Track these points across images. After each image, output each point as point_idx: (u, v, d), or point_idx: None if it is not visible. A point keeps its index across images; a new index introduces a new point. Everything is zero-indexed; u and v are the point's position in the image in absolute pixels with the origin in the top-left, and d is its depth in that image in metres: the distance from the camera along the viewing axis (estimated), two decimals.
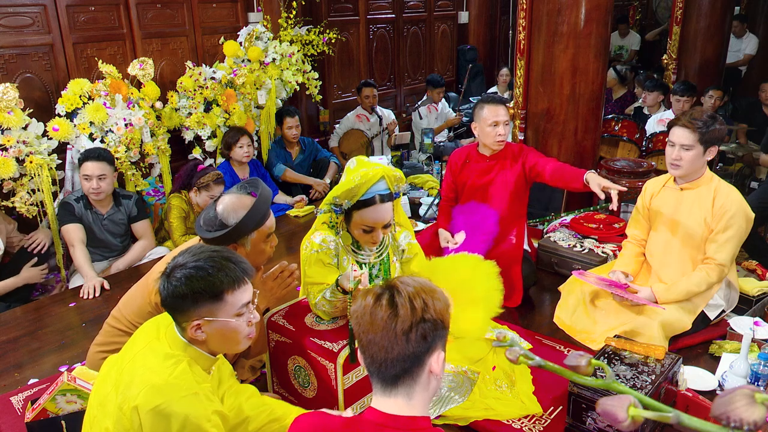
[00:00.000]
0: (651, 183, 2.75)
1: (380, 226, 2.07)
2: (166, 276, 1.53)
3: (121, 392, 1.49)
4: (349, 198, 2.02)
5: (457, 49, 7.67)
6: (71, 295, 3.17)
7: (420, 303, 1.20)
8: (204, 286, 1.49)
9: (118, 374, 1.55)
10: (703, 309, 2.52)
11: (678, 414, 0.92)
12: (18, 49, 3.66)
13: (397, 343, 1.19)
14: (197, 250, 1.56)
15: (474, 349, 2.21)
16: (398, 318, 1.19)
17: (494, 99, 3.08)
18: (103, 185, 3.26)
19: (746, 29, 6.97)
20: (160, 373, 1.49)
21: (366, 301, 1.23)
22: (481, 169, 3.11)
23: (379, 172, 2.03)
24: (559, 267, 3.24)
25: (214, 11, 4.70)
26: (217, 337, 1.55)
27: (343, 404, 1.96)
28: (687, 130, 2.43)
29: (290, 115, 4.66)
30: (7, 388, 2.42)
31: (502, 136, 3.01)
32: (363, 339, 1.23)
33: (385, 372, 1.22)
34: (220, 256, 1.54)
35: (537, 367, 1.16)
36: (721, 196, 2.46)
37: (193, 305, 1.50)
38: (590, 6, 3.56)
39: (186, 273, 1.49)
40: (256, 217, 1.98)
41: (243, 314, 1.56)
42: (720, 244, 2.44)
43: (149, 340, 1.58)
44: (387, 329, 1.19)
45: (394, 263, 2.30)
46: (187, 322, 1.52)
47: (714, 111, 5.06)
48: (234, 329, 1.55)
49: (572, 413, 2.00)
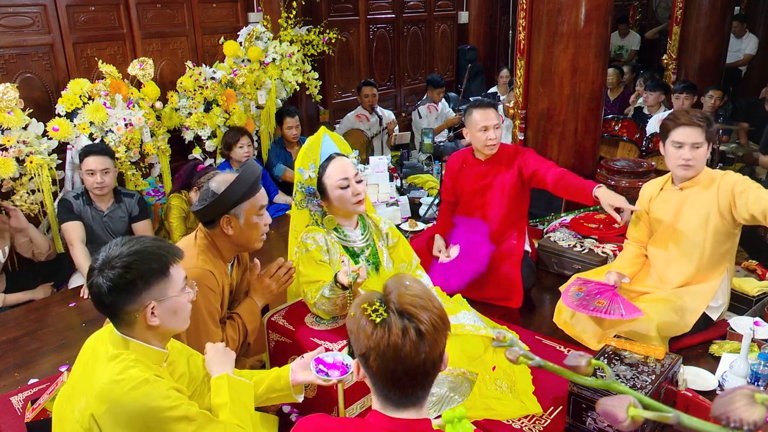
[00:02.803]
0: (648, 187, 2.72)
1: (353, 177, 2.21)
2: (99, 272, 1.46)
3: (76, 406, 1.47)
4: (308, 163, 2.20)
5: (457, 49, 7.67)
6: (71, 295, 3.17)
7: (436, 319, 1.18)
8: (151, 264, 1.48)
9: (70, 389, 1.53)
10: (704, 311, 2.51)
11: (678, 414, 0.92)
12: (18, 49, 3.66)
13: (425, 372, 1.18)
14: (122, 241, 1.52)
15: (470, 346, 2.21)
16: (428, 347, 1.16)
17: (483, 103, 3.05)
18: (107, 179, 3.27)
19: (746, 29, 6.97)
20: (105, 374, 1.45)
21: (391, 334, 1.16)
22: (477, 173, 3.10)
23: (320, 131, 2.28)
24: (559, 267, 3.24)
25: (214, 11, 4.71)
26: (169, 316, 1.53)
27: (343, 404, 1.96)
28: (694, 128, 2.41)
29: (290, 115, 4.66)
30: (7, 388, 2.42)
31: (492, 140, 2.98)
32: (387, 369, 1.17)
33: (406, 399, 1.20)
34: (146, 239, 1.55)
35: (537, 367, 1.16)
36: (725, 182, 2.45)
37: (145, 288, 1.47)
38: (590, 6, 3.56)
39: (127, 260, 1.45)
40: (245, 183, 1.99)
41: (185, 290, 1.58)
42: (757, 187, 2.37)
43: (95, 348, 1.55)
44: (417, 360, 1.16)
45: (381, 249, 2.38)
46: (139, 311, 1.48)
47: (714, 111, 5.08)
48: (183, 305, 1.57)
49: (572, 413, 2.00)
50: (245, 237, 2.04)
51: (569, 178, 2.83)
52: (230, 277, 2.14)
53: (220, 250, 2.05)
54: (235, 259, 2.20)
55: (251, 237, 2.05)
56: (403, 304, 1.18)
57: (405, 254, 2.49)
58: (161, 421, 1.44)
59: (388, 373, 1.17)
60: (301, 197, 2.24)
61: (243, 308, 2.12)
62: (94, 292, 1.48)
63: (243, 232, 2.02)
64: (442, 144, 4.62)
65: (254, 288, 2.16)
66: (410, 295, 1.19)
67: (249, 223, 2.02)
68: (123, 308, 1.49)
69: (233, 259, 2.17)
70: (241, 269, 2.25)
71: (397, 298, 1.19)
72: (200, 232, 2.06)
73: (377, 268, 2.34)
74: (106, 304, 1.48)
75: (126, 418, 1.42)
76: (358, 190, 2.22)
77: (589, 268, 2.95)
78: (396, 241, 2.46)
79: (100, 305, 1.50)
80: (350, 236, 2.31)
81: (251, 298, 2.14)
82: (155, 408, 1.43)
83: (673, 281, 2.60)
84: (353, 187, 2.21)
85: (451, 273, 2.84)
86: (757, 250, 3.28)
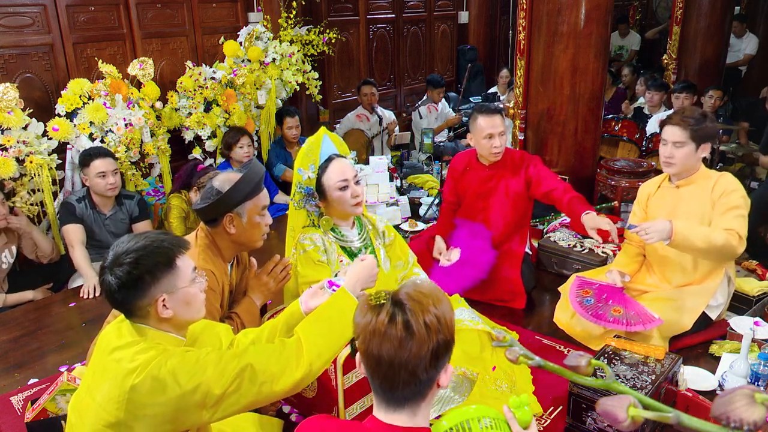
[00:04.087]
0: (646, 186, 2.75)
1: (352, 178, 2.20)
2: (108, 271, 1.48)
3: (97, 394, 1.46)
4: (308, 164, 2.19)
5: (457, 49, 7.67)
6: (71, 295, 3.17)
7: (433, 321, 1.15)
8: (158, 258, 1.48)
9: (89, 381, 1.52)
10: (704, 310, 2.51)
11: (678, 414, 0.92)
12: (18, 49, 3.66)
13: (409, 370, 1.14)
14: (128, 238, 1.53)
15: (469, 344, 2.22)
16: (413, 342, 1.14)
17: (489, 109, 2.96)
18: (117, 180, 3.31)
19: (746, 29, 6.97)
20: (123, 359, 1.45)
21: (378, 318, 1.16)
22: (481, 177, 3.07)
23: (320, 132, 2.26)
24: (559, 267, 3.24)
25: (214, 11, 4.71)
26: (182, 306, 1.53)
27: (343, 404, 1.96)
28: (678, 127, 2.47)
29: (290, 115, 4.66)
30: (7, 388, 2.42)
31: (497, 148, 2.93)
32: (371, 355, 1.17)
33: (392, 394, 1.18)
34: (151, 233, 1.56)
35: (537, 367, 1.16)
36: (719, 184, 2.48)
37: (153, 282, 1.48)
38: (590, 6, 3.56)
39: (134, 257, 1.47)
40: (249, 183, 2.00)
41: (195, 280, 1.57)
42: (735, 216, 2.40)
43: (110, 340, 1.54)
44: (400, 354, 1.14)
45: (378, 248, 2.38)
46: (151, 305, 1.49)
47: (714, 111, 5.07)
48: (194, 295, 1.56)
49: (572, 413, 2.00)
50: (247, 236, 2.05)
51: (574, 202, 2.82)
52: (230, 277, 2.14)
53: (220, 249, 2.06)
54: (235, 259, 2.20)
55: (253, 236, 2.07)
56: (401, 295, 1.18)
57: (401, 252, 2.49)
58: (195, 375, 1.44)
59: (372, 361, 1.17)
60: (299, 197, 2.24)
61: (242, 308, 2.12)
62: (106, 289, 1.50)
63: (245, 231, 2.03)
64: (442, 144, 4.62)
65: (252, 286, 2.16)
66: (415, 291, 1.19)
67: (251, 223, 2.03)
68: (135, 303, 1.50)
69: (233, 259, 2.17)
70: (241, 269, 2.25)
71: (401, 291, 1.20)
72: (201, 231, 2.07)
73: None
74: (119, 300, 1.50)
75: (160, 383, 1.41)
76: (357, 192, 2.23)
77: (589, 268, 2.95)
78: (392, 238, 2.47)
79: (113, 302, 1.52)
80: (347, 236, 2.31)
81: (249, 298, 2.15)
82: (186, 367, 1.43)
83: (673, 280, 2.60)
84: (352, 189, 2.21)
85: (451, 277, 2.81)
86: (757, 250, 3.28)
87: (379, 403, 1.22)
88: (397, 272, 2.47)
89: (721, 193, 2.45)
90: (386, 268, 2.39)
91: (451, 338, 1.19)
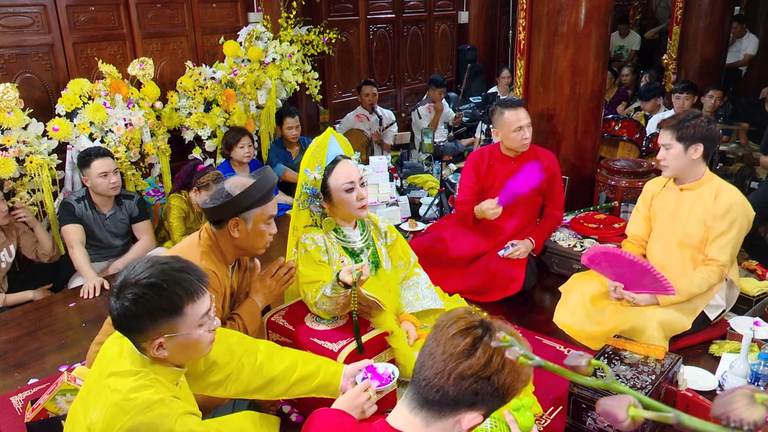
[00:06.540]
0: (651, 184, 2.75)
1: (358, 181, 2.20)
2: (115, 295, 1.40)
3: (88, 414, 1.44)
4: (315, 165, 2.20)
5: (457, 49, 7.66)
6: (71, 295, 3.17)
7: (498, 362, 1.14)
8: (161, 303, 1.39)
9: (86, 394, 1.50)
10: (703, 309, 2.52)
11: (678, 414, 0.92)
12: (18, 49, 3.66)
13: (448, 378, 1.14)
14: (147, 264, 1.43)
15: None
16: (468, 360, 1.13)
17: (513, 102, 3.09)
18: (118, 179, 3.33)
19: (746, 29, 6.97)
20: (120, 390, 1.40)
21: (457, 322, 1.16)
22: (507, 170, 3.12)
23: (327, 132, 2.26)
24: (560, 267, 3.24)
25: (214, 11, 4.71)
26: (180, 350, 1.46)
27: None
28: (662, 129, 2.52)
29: (290, 115, 4.66)
30: (7, 388, 2.41)
31: (527, 139, 3.07)
32: (426, 346, 1.18)
33: (420, 390, 1.18)
34: (172, 269, 1.43)
35: (537, 367, 1.16)
36: (722, 197, 2.46)
37: (152, 324, 1.40)
38: (590, 6, 3.56)
39: (138, 292, 1.38)
40: (260, 190, 1.99)
41: (204, 324, 1.48)
42: (722, 245, 2.43)
43: (111, 358, 1.50)
44: (449, 360, 1.14)
45: (380, 248, 2.39)
46: (147, 342, 1.42)
47: (714, 111, 5.07)
48: (197, 340, 1.48)
49: (572, 413, 2.00)
50: (249, 242, 2.04)
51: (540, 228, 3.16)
52: (231, 280, 2.14)
53: (222, 251, 2.06)
54: (236, 262, 2.20)
55: (255, 243, 2.05)
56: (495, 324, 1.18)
57: (403, 252, 2.49)
58: None
59: (425, 351, 1.18)
60: (304, 197, 2.24)
61: (243, 309, 2.12)
62: (109, 310, 1.45)
63: (248, 238, 2.02)
64: (442, 144, 4.61)
65: (255, 288, 2.16)
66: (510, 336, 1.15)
67: (256, 230, 2.03)
68: (132, 336, 1.45)
69: (234, 262, 2.17)
70: (241, 272, 2.25)
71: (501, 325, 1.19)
72: (205, 232, 2.06)
73: (377, 267, 2.34)
74: (119, 327, 1.46)
75: None
76: (363, 195, 2.22)
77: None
78: (394, 238, 2.47)
79: (115, 326, 1.47)
80: (349, 237, 2.31)
81: (252, 299, 2.14)
82: (167, 428, 1.39)
83: (673, 280, 2.60)
84: (358, 192, 2.21)
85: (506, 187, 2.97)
86: (757, 250, 3.28)
87: (407, 395, 1.23)
88: (398, 272, 2.47)
89: (721, 209, 2.44)
90: (388, 268, 2.39)
91: (502, 395, 1.16)
